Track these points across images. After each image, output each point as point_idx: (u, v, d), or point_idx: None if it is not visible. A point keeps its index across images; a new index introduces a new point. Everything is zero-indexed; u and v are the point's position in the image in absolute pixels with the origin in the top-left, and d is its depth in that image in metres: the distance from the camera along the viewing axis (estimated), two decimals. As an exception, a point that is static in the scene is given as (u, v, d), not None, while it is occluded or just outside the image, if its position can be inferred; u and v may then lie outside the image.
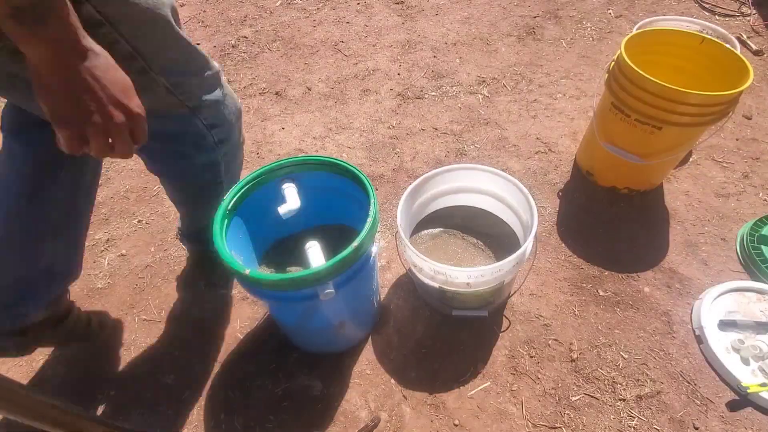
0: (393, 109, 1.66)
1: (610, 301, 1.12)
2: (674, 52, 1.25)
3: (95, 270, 1.22)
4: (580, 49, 1.89)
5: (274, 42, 2.01)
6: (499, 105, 1.66)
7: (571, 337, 1.06)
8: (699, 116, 1.06)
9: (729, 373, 0.97)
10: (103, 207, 1.38)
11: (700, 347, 1.03)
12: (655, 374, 0.99)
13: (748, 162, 1.43)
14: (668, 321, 1.08)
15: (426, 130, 1.58)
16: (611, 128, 1.23)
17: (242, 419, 0.95)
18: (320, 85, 1.78)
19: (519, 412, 0.95)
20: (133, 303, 1.15)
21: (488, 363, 1.02)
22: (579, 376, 1.00)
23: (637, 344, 1.04)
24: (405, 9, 2.17)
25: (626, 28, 1.98)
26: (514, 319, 1.09)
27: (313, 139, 1.57)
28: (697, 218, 1.29)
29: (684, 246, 1.23)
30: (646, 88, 1.06)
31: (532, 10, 2.12)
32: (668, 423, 0.93)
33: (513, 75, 1.79)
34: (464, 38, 1.98)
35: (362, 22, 2.10)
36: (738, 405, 0.95)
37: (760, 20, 1.94)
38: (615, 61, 1.17)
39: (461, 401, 0.97)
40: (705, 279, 1.15)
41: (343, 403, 0.97)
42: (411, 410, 0.96)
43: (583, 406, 0.96)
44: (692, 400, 0.96)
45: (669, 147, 1.16)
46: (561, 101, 1.67)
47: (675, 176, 1.40)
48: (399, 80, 1.78)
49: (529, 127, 1.58)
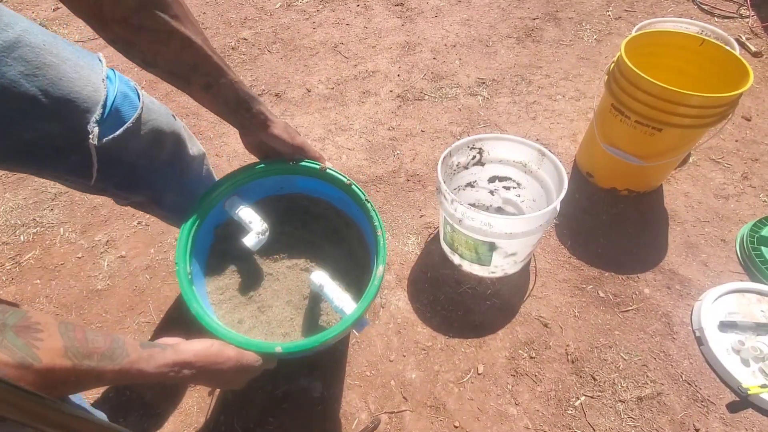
0: (393, 110, 1.66)
1: (610, 302, 1.12)
2: (674, 54, 1.25)
3: (95, 271, 1.22)
4: (579, 51, 1.90)
5: (274, 44, 2.01)
6: (499, 106, 1.67)
7: (571, 339, 1.06)
8: (699, 118, 1.06)
9: (729, 375, 0.97)
10: (103, 209, 1.38)
11: (701, 348, 1.03)
12: (655, 375, 0.99)
13: (748, 163, 1.44)
14: (668, 322, 1.08)
15: (426, 132, 1.58)
16: (611, 130, 1.23)
17: (242, 421, 0.95)
18: (320, 86, 1.78)
19: (519, 413, 0.95)
20: (133, 305, 1.15)
21: (488, 364, 1.02)
22: (579, 378, 1.00)
23: (637, 345, 1.04)
24: (404, 11, 2.18)
25: (625, 29, 1.98)
26: (514, 320, 1.09)
27: (313, 141, 1.57)
28: (696, 219, 1.29)
29: (684, 247, 1.23)
30: (646, 89, 1.06)
31: (531, 12, 2.13)
32: (669, 424, 0.92)
33: (512, 77, 1.79)
34: (464, 40, 1.98)
35: (362, 24, 2.10)
36: (738, 406, 0.95)
37: (758, 22, 1.95)
38: (615, 62, 1.17)
39: (461, 403, 0.97)
40: (705, 280, 1.15)
41: (343, 404, 0.97)
42: (411, 412, 0.96)
43: (583, 408, 0.95)
44: (693, 401, 0.96)
45: (669, 149, 1.16)
46: (561, 103, 1.67)
47: (675, 177, 1.40)
48: (399, 82, 1.78)
49: (528, 129, 1.58)
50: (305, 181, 0.84)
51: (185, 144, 0.81)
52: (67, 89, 0.58)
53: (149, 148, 0.72)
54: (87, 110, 0.60)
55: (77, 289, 1.18)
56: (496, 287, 1.16)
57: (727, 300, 1.09)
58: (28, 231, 1.32)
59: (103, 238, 1.30)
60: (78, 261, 1.24)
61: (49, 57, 0.56)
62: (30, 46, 0.54)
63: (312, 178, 0.81)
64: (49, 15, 2.21)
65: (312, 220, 0.88)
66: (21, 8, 2.25)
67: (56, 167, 0.64)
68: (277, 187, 0.85)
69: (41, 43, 0.56)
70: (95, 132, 0.61)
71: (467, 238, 1.02)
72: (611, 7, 2.12)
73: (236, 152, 1.53)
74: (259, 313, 0.77)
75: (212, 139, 1.58)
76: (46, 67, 0.56)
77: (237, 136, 0.75)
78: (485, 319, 1.10)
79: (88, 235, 1.31)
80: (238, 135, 0.73)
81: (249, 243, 0.72)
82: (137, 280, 1.20)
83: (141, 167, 0.72)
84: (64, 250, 1.27)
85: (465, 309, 1.12)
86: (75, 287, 1.19)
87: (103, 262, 1.24)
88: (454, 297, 1.14)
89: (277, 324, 0.76)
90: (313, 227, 0.87)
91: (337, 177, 0.79)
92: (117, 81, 0.66)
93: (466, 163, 1.16)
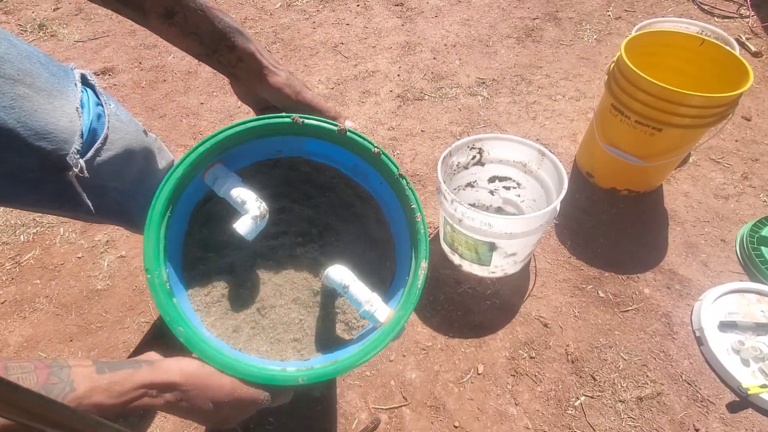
0: (393, 110, 1.66)
1: (610, 302, 1.12)
2: (674, 54, 1.25)
3: (95, 271, 1.22)
4: (579, 51, 1.90)
5: (274, 44, 2.01)
6: (499, 106, 1.67)
7: (571, 339, 1.06)
8: (699, 118, 1.06)
9: (729, 375, 0.97)
10: (103, 208, 1.38)
11: (701, 348, 1.03)
12: (655, 375, 0.99)
13: (748, 163, 1.44)
14: (668, 322, 1.08)
15: (426, 132, 1.58)
16: (611, 130, 1.23)
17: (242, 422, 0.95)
18: (320, 86, 1.78)
19: (519, 413, 0.95)
20: (133, 305, 1.15)
21: (488, 364, 1.02)
22: (579, 378, 1.00)
23: (637, 345, 1.04)
24: (404, 11, 2.18)
25: (625, 29, 1.98)
26: (514, 320, 1.09)
27: (313, 141, 1.57)
28: (696, 219, 1.29)
29: (684, 247, 1.23)
30: (646, 89, 1.06)
31: (531, 12, 2.13)
32: (669, 424, 0.93)
33: (513, 76, 1.79)
34: (464, 40, 1.98)
35: (362, 23, 2.10)
36: (738, 406, 0.95)
37: (758, 22, 1.95)
38: (615, 62, 1.17)
39: (461, 403, 0.97)
40: (705, 280, 1.15)
41: (343, 404, 0.97)
42: (411, 412, 0.96)
43: (583, 408, 0.95)
44: (693, 401, 0.96)
45: (669, 149, 1.16)
46: (560, 103, 1.67)
47: (674, 177, 1.40)
48: (399, 82, 1.78)
49: (528, 129, 1.58)
50: (313, 144, 0.64)
51: (155, 159, 0.77)
52: (44, 121, 0.54)
53: (120, 170, 0.67)
54: (65, 141, 0.57)
55: (77, 289, 1.18)
56: (496, 287, 1.16)
57: (727, 300, 1.09)
58: (28, 231, 1.32)
59: (103, 238, 1.30)
60: (78, 261, 1.24)
61: (23, 89, 0.53)
62: (4, 78, 0.51)
63: (324, 141, 0.62)
64: (49, 15, 2.21)
65: (316, 191, 0.68)
66: (21, 8, 2.25)
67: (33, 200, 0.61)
68: (274, 150, 0.65)
69: (16, 73, 0.52)
70: (81, 164, 0.57)
71: (467, 238, 1.02)
72: (611, 7, 2.12)
73: (236, 152, 1.53)
74: (259, 317, 0.61)
75: (212, 139, 1.58)
76: (21, 99, 0.52)
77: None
78: (485, 319, 1.10)
79: (88, 235, 1.31)
80: None
81: (242, 230, 0.54)
82: (137, 280, 1.20)
83: (111, 189, 0.68)
84: (64, 250, 1.27)
85: (465, 309, 1.12)
86: (75, 287, 1.19)
87: (103, 262, 1.24)
88: (454, 297, 1.14)
89: (283, 329, 0.61)
90: (318, 201, 0.68)
91: (360, 142, 0.60)
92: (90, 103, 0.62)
93: (466, 163, 1.16)
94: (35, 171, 0.57)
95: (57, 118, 0.56)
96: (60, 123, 0.56)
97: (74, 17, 2.20)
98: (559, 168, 1.01)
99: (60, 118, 0.57)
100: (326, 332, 0.62)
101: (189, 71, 1.87)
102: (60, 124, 0.56)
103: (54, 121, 0.56)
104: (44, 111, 0.55)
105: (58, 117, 0.56)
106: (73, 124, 0.58)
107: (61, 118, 0.57)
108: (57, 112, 0.56)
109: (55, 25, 2.14)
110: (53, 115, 0.56)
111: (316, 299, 0.64)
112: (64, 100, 0.58)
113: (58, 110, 0.57)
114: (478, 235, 0.98)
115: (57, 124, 0.56)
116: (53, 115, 0.56)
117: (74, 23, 2.16)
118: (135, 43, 2.02)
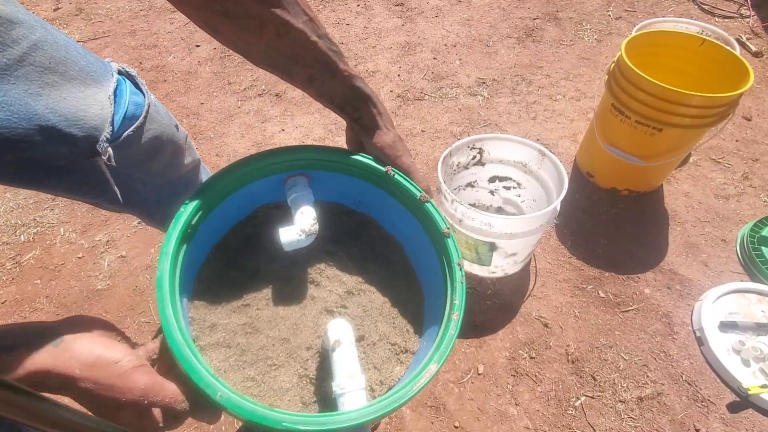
0: (393, 110, 1.66)
1: (610, 302, 1.12)
2: (674, 54, 1.25)
3: (95, 271, 1.22)
4: (579, 51, 1.90)
5: (274, 44, 2.01)
6: (499, 106, 1.67)
7: (571, 339, 1.06)
8: (699, 118, 1.06)
9: (730, 375, 0.97)
10: (103, 208, 1.38)
11: (701, 349, 1.03)
12: (655, 376, 0.99)
13: (748, 163, 1.43)
14: (669, 322, 1.08)
15: (426, 132, 1.58)
16: (611, 130, 1.23)
17: (242, 421, 0.95)
18: (320, 86, 1.78)
19: (519, 413, 0.95)
20: (133, 305, 1.15)
21: (489, 364, 1.02)
22: (579, 378, 1.00)
23: (637, 346, 1.04)
24: (405, 11, 2.18)
25: (626, 29, 1.98)
26: (515, 320, 1.09)
27: (314, 141, 1.57)
28: (697, 219, 1.29)
29: (684, 247, 1.22)
30: (647, 89, 1.06)
31: (531, 11, 2.13)
32: (669, 425, 0.92)
33: (513, 76, 1.79)
34: (464, 40, 1.98)
35: (362, 24, 2.10)
36: (739, 407, 0.95)
37: (759, 22, 1.95)
38: (615, 62, 1.17)
39: (462, 403, 0.97)
40: (705, 280, 1.15)
41: (344, 404, 0.97)
42: (411, 412, 0.96)
43: (583, 408, 0.95)
44: (693, 401, 0.96)
45: (669, 149, 1.16)
46: (561, 102, 1.67)
47: (675, 177, 1.40)
48: (399, 82, 1.78)
49: (529, 129, 1.58)
50: (389, 210, 0.62)
51: (182, 155, 0.78)
52: (74, 108, 0.55)
53: (147, 160, 0.68)
54: (95, 128, 0.58)
55: (77, 289, 1.18)
56: (497, 287, 1.16)
57: (727, 300, 1.09)
58: (28, 231, 1.32)
59: (103, 238, 1.30)
60: (78, 261, 1.25)
61: (53, 77, 0.53)
62: (34, 65, 0.52)
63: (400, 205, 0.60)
64: (49, 15, 2.21)
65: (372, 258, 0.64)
66: (21, 8, 2.25)
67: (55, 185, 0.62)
68: (356, 195, 0.64)
69: (48, 62, 0.53)
70: (109, 153, 0.59)
71: (467, 238, 1.02)
72: (611, 7, 2.12)
73: (236, 152, 1.53)
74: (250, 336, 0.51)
75: (212, 139, 1.58)
76: (49, 87, 0.53)
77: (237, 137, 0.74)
78: (485, 319, 1.10)
79: (88, 235, 1.31)
80: (238, 135, 0.70)
81: (284, 237, 0.51)
82: (137, 280, 1.20)
83: (136, 180, 0.69)
84: (65, 250, 1.27)
85: (465, 309, 1.11)
86: (75, 287, 1.19)
87: (103, 262, 1.24)
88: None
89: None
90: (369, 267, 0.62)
91: (436, 221, 0.56)
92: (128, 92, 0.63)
93: (466, 163, 1.16)
94: (64, 158, 0.58)
95: (88, 105, 0.57)
96: (91, 110, 0.57)
97: (74, 17, 2.20)
98: (559, 168, 1.01)
99: (91, 105, 0.57)
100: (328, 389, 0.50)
101: (189, 71, 1.87)
102: (91, 111, 0.57)
103: (85, 108, 0.56)
104: (74, 98, 0.55)
105: (89, 104, 0.57)
106: (104, 112, 0.58)
107: (93, 105, 0.57)
108: (88, 100, 0.57)
109: (55, 26, 2.14)
110: (84, 102, 0.56)
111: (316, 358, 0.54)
112: (96, 89, 0.59)
113: (90, 98, 0.57)
114: (478, 235, 0.98)
115: (88, 111, 0.56)
116: (84, 103, 0.56)
117: (74, 23, 2.16)
118: (135, 43, 2.02)
